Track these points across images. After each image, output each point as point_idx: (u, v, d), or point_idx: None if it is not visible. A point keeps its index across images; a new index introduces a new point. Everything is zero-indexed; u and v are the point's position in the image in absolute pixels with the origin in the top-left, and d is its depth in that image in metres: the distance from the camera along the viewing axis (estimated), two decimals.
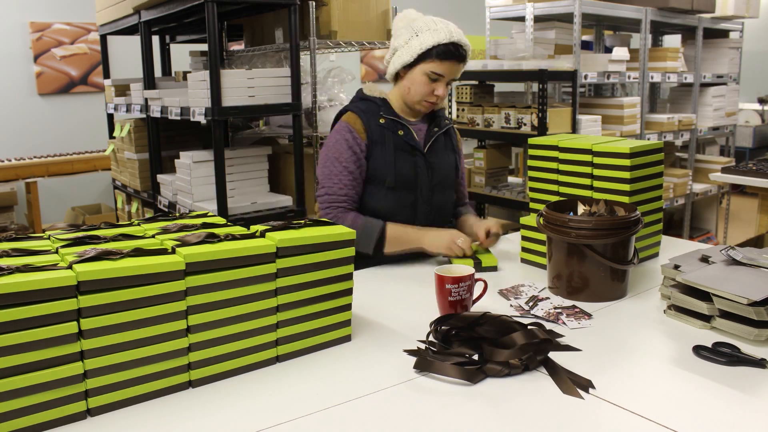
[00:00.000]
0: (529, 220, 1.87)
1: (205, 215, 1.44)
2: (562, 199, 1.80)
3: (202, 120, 2.84)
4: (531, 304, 1.51)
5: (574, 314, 1.45)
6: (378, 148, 1.89)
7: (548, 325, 1.38)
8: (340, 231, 1.27)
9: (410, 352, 1.25)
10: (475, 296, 1.45)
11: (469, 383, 1.14)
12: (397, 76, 1.93)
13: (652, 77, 4.40)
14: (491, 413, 1.05)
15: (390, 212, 1.91)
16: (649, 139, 3.05)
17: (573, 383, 1.13)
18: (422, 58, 1.84)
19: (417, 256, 1.88)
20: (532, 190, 1.92)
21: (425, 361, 1.19)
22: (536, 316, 1.40)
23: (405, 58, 1.86)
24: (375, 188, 1.91)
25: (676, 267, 1.44)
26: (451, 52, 1.83)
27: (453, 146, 2.05)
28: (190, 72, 3.76)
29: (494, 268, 1.80)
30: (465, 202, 2.18)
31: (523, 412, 1.05)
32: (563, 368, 1.18)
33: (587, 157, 1.80)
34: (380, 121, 1.90)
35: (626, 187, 1.72)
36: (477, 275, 1.45)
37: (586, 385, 1.13)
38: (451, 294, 1.39)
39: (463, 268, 1.44)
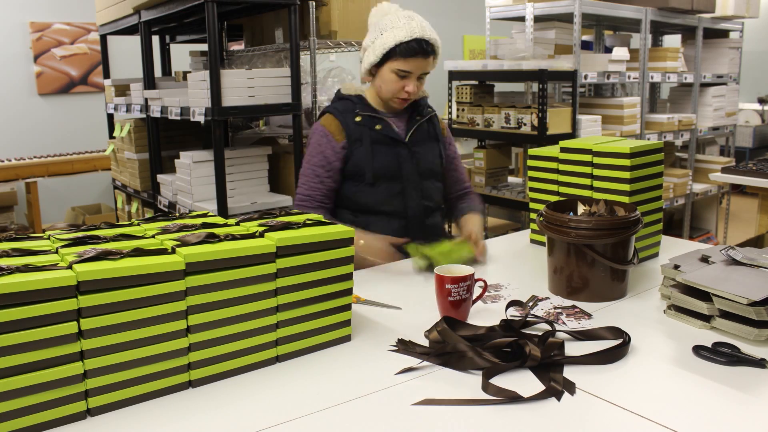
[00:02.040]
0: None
1: (204, 215, 1.44)
2: (562, 199, 1.80)
3: (202, 120, 2.84)
4: (531, 304, 1.51)
5: (574, 314, 1.45)
6: (357, 146, 1.93)
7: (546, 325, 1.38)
8: (340, 230, 1.27)
9: (399, 349, 1.26)
10: (474, 296, 1.45)
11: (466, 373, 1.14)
12: (371, 74, 1.96)
13: (652, 77, 4.40)
14: (491, 413, 1.05)
15: (378, 205, 1.94)
16: (649, 139, 3.05)
17: (555, 383, 1.13)
18: (387, 57, 1.87)
19: None
20: (532, 190, 1.93)
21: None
22: (536, 316, 1.40)
23: (371, 58, 1.89)
24: (359, 185, 1.95)
25: (676, 267, 1.44)
26: (414, 49, 1.84)
27: (437, 135, 2.06)
28: (190, 72, 3.76)
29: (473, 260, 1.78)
30: (466, 187, 2.18)
31: (522, 412, 1.05)
32: (552, 369, 1.18)
33: (587, 157, 1.80)
34: (356, 119, 1.94)
35: (626, 187, 1.72)
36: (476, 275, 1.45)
37: (569, 386, 1.13)
38: (451, 294, 1.39)
39: (463, 268, 1.44)
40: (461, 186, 2.17)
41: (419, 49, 1.85)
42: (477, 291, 1.48)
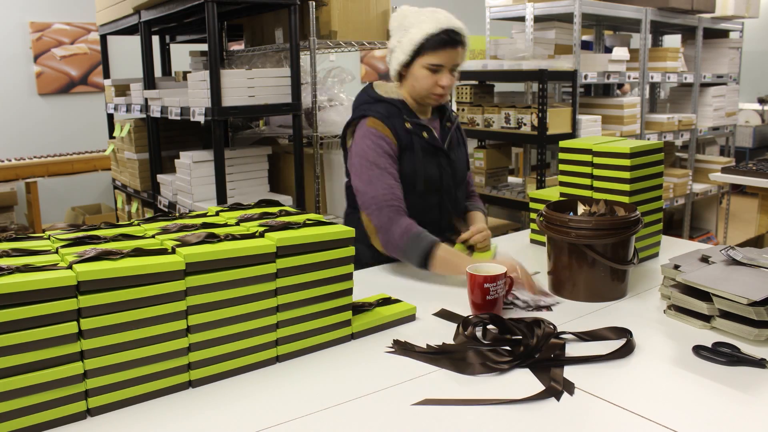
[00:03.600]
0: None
1: (204, 215, 1.44)
2: (562, 199, 1.80)
3: (202, 120, 2.84)
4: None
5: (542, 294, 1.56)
6: (407, 153, 1.84)
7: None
8: (340, 230, 1.27)
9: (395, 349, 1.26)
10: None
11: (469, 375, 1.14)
12: (401, 76, 1.90)
13: (652, 77, 4.40)
14: (491, 412, 1.05)
15: (416, 216, 1.80)
16: (649, 139, 3.05)
17: (555, 383, 1.13)
18: (417, 53, 1.81)
19: None
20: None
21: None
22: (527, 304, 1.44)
23: (401, 58, 1.84)
24: (416, 193, 1.86)
25: (676, 267, 1.44)
26: (443, 41, 1.79)
27: (464, 140, 2.05)
28: (190, 72, 3.77)
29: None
30: (471, 191, 2.16)
31: (522, 412, 1.05)
32: (552, 369, 1.18)
33: (587, 157, 1.80)
34: (406, 125, 1.85)
35: (626, 187, 1.72)
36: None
37: (569, 386, 1.13)
38: (489, 293, 1.40)
39: (494, 267, 1.46)
40: (468, 189, 2.14)
41: (449, 40, 1.79)
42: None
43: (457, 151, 1.97)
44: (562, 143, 1.88)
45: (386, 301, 1.47)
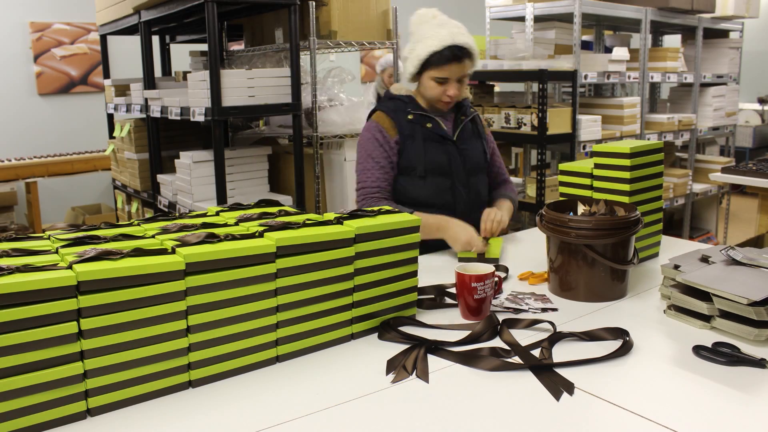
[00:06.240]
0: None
1: (204, 215, 1.44)
2: (562, 199, 1.79)
3: (202, 120, 2.84)
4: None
5: (541, 299, 1.54)
6: (409, 142, 2.02)
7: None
8: (340, 230, 1.27)
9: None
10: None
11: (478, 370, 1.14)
12: (414, 80, 2.07)
13: (652, 77, 4.40)
14: (492, 412, 1.05)
15: (428, 199, 2.03)
16: (649, 139, 3.05)
17: (555, 384, 1.13)
18: (424, 67, 1.98)
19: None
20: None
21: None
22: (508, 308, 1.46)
23: (411, 69, 2.01)
24: (411, 179, 2.03)
25: (676, 267, 1.44)
26: (447, 57, 1.94)
27: (480, 133, 2.16)
28: (190, 72, 3.77)
29: (495, 260, 1.82)
30: (503, 179, 2.27)
31: (522, 411, 1.05)
32: (551, 369, 1.18)
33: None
34: (408, 117, 2.04)
35: (626, 187, 1.72)
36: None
37: (568, 386, 1.13)
38: (477, 292, 1.41)
39: (482, 266, 1.46)
40: (500, 177, 2.27)
41: (452, 56, 1.94)
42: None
43: (471, 142, 2.11)
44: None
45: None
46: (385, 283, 1.36)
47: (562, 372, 1.17)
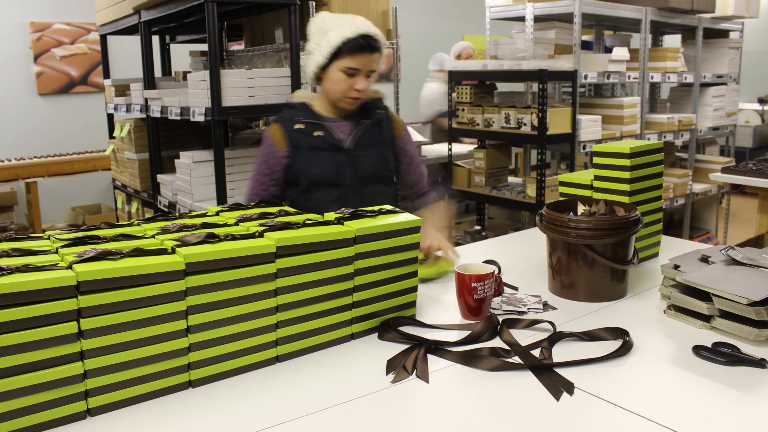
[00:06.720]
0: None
1: (204, 215, 1.44)
2: (562, 199, 1.80)
3: (202, 120, 2.84)
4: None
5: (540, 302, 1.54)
6: (297, 153, 1.95)
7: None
8: (340, 231, 1.27)
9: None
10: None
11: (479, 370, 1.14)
12: (318, 79, 1.97)
13: (652, 77, 4.40)
14: (492, 412, 1.05)
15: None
16: (649, 139, 3.05)
17: (555, 384, 1.13)
18: (334, 56, 1.87)
19: None
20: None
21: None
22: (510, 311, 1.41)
23: (319, 60, 1.89)
24: (298, 191, 1.97)
25: (676, 267, 1.44)
26: (361, 45, 1.86)
27: (386, 139, 2.04)
28: (190, 72, 3.76)
29: (425, 280, 1.70)
30: (423, 187, 2.13)
31: (522, 411, 1.05)
32: (551, 369, 1.18)
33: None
34: (296, 126, 1.96)
35: (626, 187, 1.72)
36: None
37: (568, 386, 1.13)
38: (476, 292, 1.41)
39: (482, 266, 1.46)
40: (419, 187, 2.13)
41: (366, 45, 1.86)
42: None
43: (371, 148, 1.99)
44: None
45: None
46: (385, 283, 1.36)
47: (562, 372, 1.17)
